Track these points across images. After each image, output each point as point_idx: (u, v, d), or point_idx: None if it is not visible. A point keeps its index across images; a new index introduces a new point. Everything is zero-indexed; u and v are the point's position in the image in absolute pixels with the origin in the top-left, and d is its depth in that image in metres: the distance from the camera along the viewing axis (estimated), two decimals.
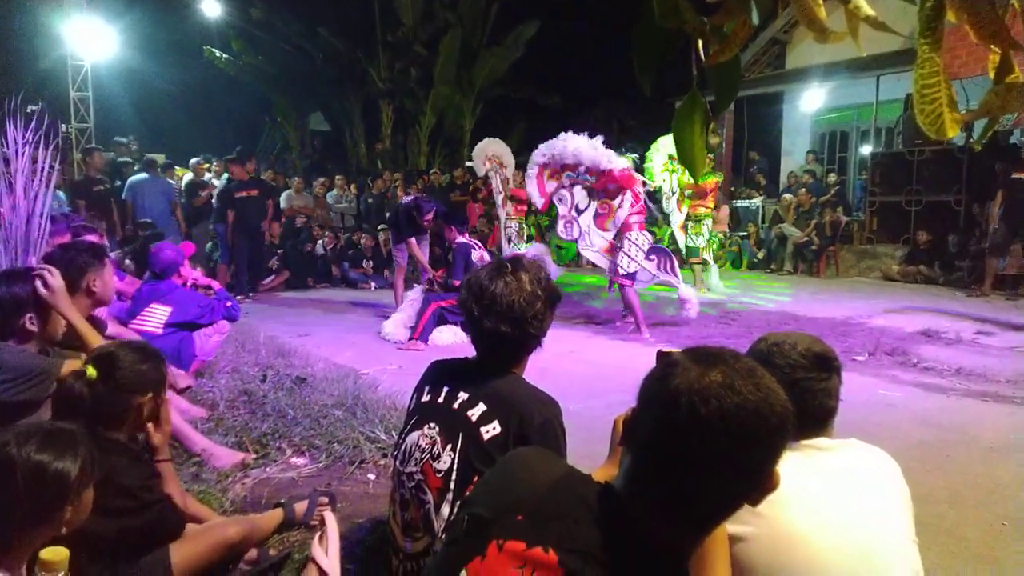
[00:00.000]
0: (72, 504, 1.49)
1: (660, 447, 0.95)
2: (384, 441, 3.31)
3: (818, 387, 1.44)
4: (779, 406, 0.93)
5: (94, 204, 8.65)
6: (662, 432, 0.94)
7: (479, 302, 1.77)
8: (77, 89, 12.25)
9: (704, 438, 0.90)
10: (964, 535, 2.62)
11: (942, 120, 0.90)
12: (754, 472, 0.94)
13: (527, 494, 1.03)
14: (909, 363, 5.29)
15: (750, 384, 0.93)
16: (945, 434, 3.75)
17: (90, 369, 1.90)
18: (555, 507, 1.00)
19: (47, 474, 1.44)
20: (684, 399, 0.91)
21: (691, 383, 0.92)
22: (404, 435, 1.88)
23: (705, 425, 0.90)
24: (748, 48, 14.52)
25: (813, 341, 1.51)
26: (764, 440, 0.92)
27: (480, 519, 1.04)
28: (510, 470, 1.12)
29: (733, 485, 0.94)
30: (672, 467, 0.94)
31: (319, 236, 10.81)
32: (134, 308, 4.26)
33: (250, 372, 4.59)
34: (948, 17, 0.88)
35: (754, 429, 0.90)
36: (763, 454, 0.93)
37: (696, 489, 0.93)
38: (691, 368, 0.95)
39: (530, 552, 0.96)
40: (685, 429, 0.91)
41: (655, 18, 0.93)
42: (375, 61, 16.27)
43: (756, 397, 0.92)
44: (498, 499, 1.06)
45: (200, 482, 2.87)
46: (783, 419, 0.93)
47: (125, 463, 1.88)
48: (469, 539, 1.03)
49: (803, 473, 1.38)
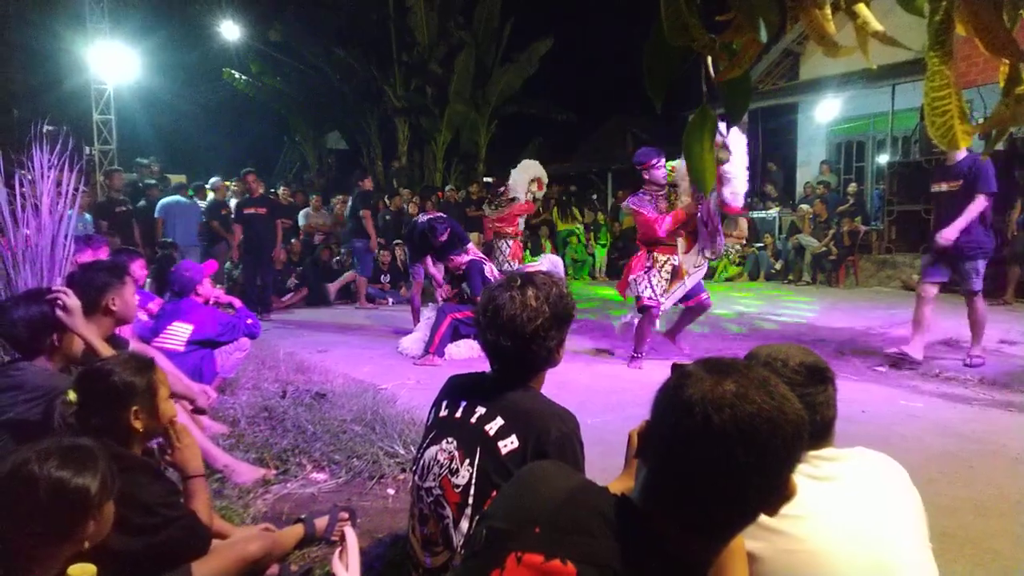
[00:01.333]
0: (94, 518, 1.52)
1: (675, 457, 0.95)
2: (403, 456, 3.33)
3: (817, 400, 1.44)
4: (793, 414, 0.94)
5: (116, 224, 8.81)
6: (677, 442, 0.94)
7: (485, 314, 1.78)
8: (100, 112, 12.51)
9: (719, 447, 0.90)
10: (991, 546, 2.58)
11: (953, 132, 0.90)
12: (770, 480, 0.94)
13: (544, 507, 1.04)
14: (931, 373, 5.23)
15: (763, 393, 0.93)
16: (969, 444, 3.69)
17: (70, 394, 1.93)
18: (573, 520, 1.01)
19: (68, 490, 1.47)
20: (698, 409, 0.92)
21: (705, 393, 0.93)
22: (422, 450, 1.89)
23: (720, 434, 0.90)
24: (761, 60, 14.52)
25: (804, 353, 1.50)
26: (779, 448, 0.92)
27: (498, 532, 1.05)
28: (527, 483, 1.13)
29: (749, 494, 0.94)
30: (688, 477, 0.94)
31: (337, 253, 10.91)
32: (156, 326, 4.32)
33: (270, 388, 4.63)
34: (957, 30, 0.89)
35: (769, 437, 0.91)
36: (779, 462, 0.93)
37: (712, 499, 0.93)
38: (705, 378, 0.95)
39: (548, 564, 0.97)
40: (700, 438, 0.91)
41: (664, 36, 0.95)
42: (391, 80, 16.47)
43: (770, 405, 0.92)
44: (516, 512, 1.07)
45: (222, 498, 2.89)
46: (798, 427, 0.93)
47: (143, 480, 1.90)
48: (488, 552, 1.04)
49: (812, 484, 1.37)
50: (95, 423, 1.91)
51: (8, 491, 1.44)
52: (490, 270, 6.68)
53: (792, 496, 0.97)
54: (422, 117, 16.79)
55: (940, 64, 0.90)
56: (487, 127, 17.25)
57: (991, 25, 0.79)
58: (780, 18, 0.92)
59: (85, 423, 1.91)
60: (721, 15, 0.97)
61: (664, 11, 0.93)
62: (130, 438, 1.99)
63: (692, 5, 0.92)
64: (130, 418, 1.96)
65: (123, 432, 1.97)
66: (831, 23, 0.97)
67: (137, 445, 2.02)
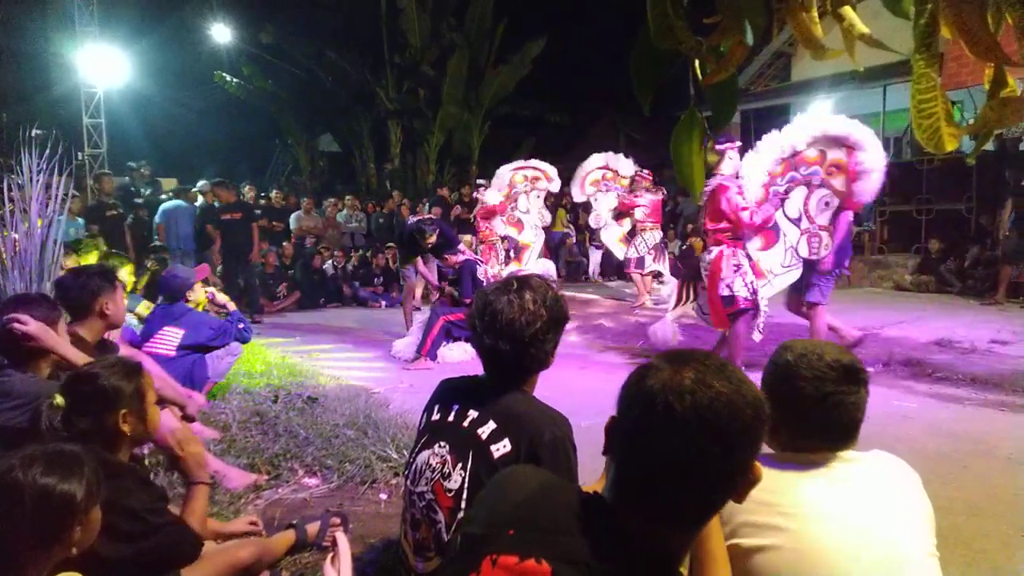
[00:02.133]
0: (80, 524, 1.51)
1: (640, 448, 0.97)
2: (395, 460, 3.32)
3: (849, 400, 1.42)
4: (751, 396, 0.95)
5: (107, 229, 8.78)
6: (641, 432, 0.96)
7: (481, 318, 1.78)
8: (90, 116, 12.45)
9: (682, 434, 0.92)
10: (982, 547, 2.59)
11: (940, 134, 0.90)
12: (734, 465, 0.95)
13: (516, 509, 1.05)
14: (924, 373, 5.24)
15: (722, 378, 0.95)
16: (962, 444, 3.71)
17: (57, 398, 1.93)
18: (545, 519, 1.02)
19: (53, 496, 1.47)
20: (660, 398, 0.93)
21: (665, 382, 0.95)
22: (415, 454, 1.88)
23: (682, 421, 0.92)
24: (752, 61, 14.57)
25: (839, 351, 1.48)
26: (740, 431, 0.93)
27: (473, 537, 1.06)
28: (499, 488, 1.14)
29: (714, 480, 0.95)
30: (653, 468, 0.95)
31: (329, 256, 10.88)
32: (147, 331, 4.30)
33: (262, 393, 4.62)
34: (943, 32, 0.89)
35: (728, 420, 0.92)
36: (741, 446, 0.94)
37: (678, 488, 0.94)
38: (664, 368, 0.97)
39: (523, 565, 0.97)
40: (663, 427, 0.93)
41: (651, 38, 0.94)
42: (383, 82, 16.44)
43: (729, 389, 0.94)
44: (490, 516, 1.08)
45: (213, 503, 2.87)
46: (757, 409, 0.95)
47: (131, 486, 1.89)
48: (464, 558, 1.04)
49: (828, 486, 1.38)
50: (82, 427, 1.90)
51: None
52: (483, 272, 6.67)
53: (757, 481, 0.99)
54: (415, 119, 16.76)
55: (926, 67, 0.90)
56: (480, 128, 17.23)
57: (975, 28, 0.79)
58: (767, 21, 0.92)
59: (72, 427, 1.90)
60: (708, 18, 0.97)
61: (651, 13, 0.93)
62: (118, 443, 1.98)
63: (679, 8, 0.91)
64: (118, 422, 1.96)
65: (110, 436, 1.96)
66: (818, 26, 0.96)
67: (125, 450, 2.01)
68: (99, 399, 1.94)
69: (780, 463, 1.43)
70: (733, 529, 1.38)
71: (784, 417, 1.46)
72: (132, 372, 2.05)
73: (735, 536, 1.37)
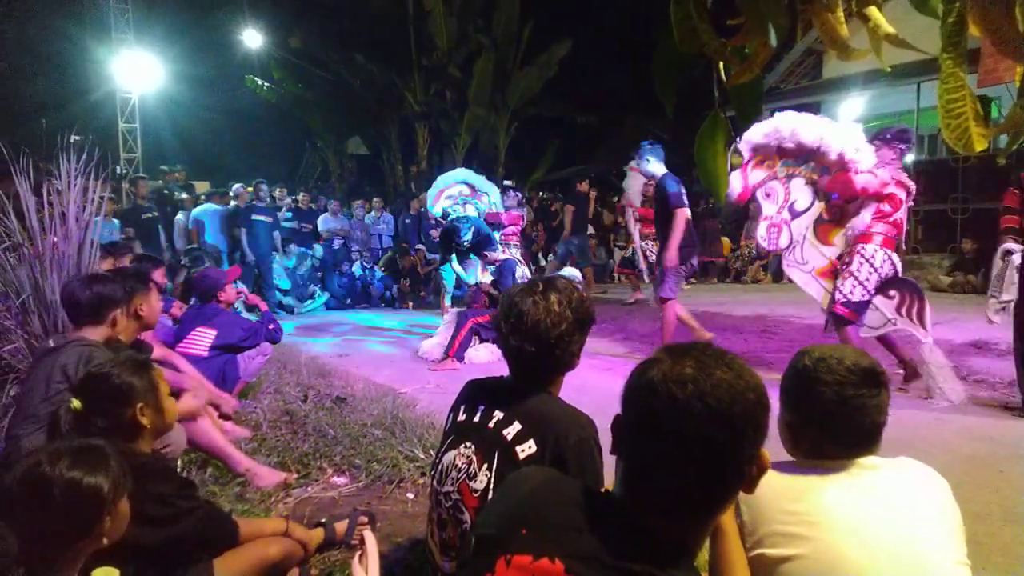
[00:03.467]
0: (110, 515, 1.55)
1: (645, 439, 0.98)
2: (422, 460, 3.34)
3: (870, 403, 1.41)
4: (753, 382, 0.97)
5: (142, 231, 8.98)
6: (645, 423, 0.97)
7: (507, 320, 1.78)
8: (125, 120, 12.72)
9: (686, 421, 0.93)
10: (1020, 554, 2.53)
11: (969, 134, 0.89)
12: (740, 451, 0.95)
13: (529, 509, 1.06)
14: (959, 375, 5.13)
15: (722, 365, 0.96)
16: (998, 448, 3.62)
17: (74, 401, 1.98)
18: (557, 517, 1.02)
19: (82, 489, 1.50)
20: (662, 388, 0.95)
21: (666, 372, 0.96)
22: (441, 455, 1.89)
23: (685, 408, 0.93)
24: (783, 59, 14.39)
25: (859, 355, 1.48)
26: (744, 415, 0.94)
27: (486, 538, 1.07)
28: (511, 489, 1.15)
29: (721, 467, 0.95)
30: (659, 457, 0.96)
31: (357, 258, 10.99)
32: (180, 331, 4.39)
33: (291, 393, 4.68)
34: (971, 31, 0.88)
35: (730, 404, 0.93)
36: (745, 431, 0.95)
37: (686, 476, 0.95)
38: (665, 360, 0.99)
39: (537, 564, 0.98)
40: (667, 415, 0.94)
41: (673, 40, 0.94)
42: (411, 85, 16.55)
43: (730, 376, 0.95)
44: (502, 517, 1.09)
45: (244, 502, 2.93)
46: (758, 393, 0.96)
47: (156, 473, 1.95)
48: (478, 559, 1.05)
49: (853, 493, 1.36)
50: (101, 425, 1.96)
51: (23, 494, 1.48)
52: (523, 272, 6.69)
53: (766, 469, 0.99)
54: (442, 121, 16.86)
55: (954, 66, 0.89)
56: (507, 130, 17.27)
57: (1002, 27, 0.78)
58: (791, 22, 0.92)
59: (90, 427, 1.96)
60: (731, 19, 0.97)
61: (674, 16, 0.93)
62: (139, 436, 2.04)
63: (702, 10, 0.91)
64: (136, 415, 2.01)
65: (131, 430, 2.02)
66: (844, 26, 0.96)
67: (147, 442, 2.07)
68: (115, 396, 2.00)
69: (803, 470, 1.42)
70: (759, 539, 1.37)
71: (806, 422, 1.47)
72: (142, 367, 2.11)
73: (761, 546, 1.36)
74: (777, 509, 1.37)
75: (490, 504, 1.21)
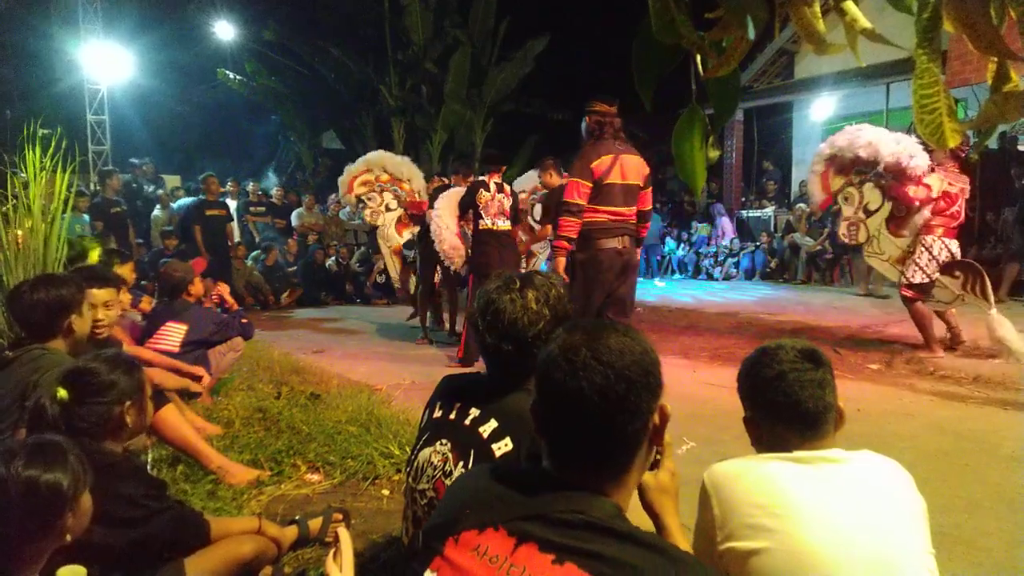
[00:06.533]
0: (71, 510, 1.52)
1: (553, 404, 1.08)
2: (398, 456, 3.32)
3: (806, 378, 1.46)
4: (640, 338, 1.09)
5: (112, 226, 8.81)
6: (551, 394, 1.07)
7: (484, 317, 1.77)
8: (94, 112, 12.47)
9: (584, 382, 1.03)
10: (984, 545, 2.58)
11: (942, 130, 0.90)
12: (639, 402, 1.05)
13: (472, 493, 1.15)
14: (926, 371, 5.23)
15: (611, 331, 1.09)
16: (964, 443, 3.70)
17: (61, 390, 1.93)
18: (497, 491, 1.11)
19: (40, 486, 1.47)
20: (560, 359, 1.06)
21: (562, 343, 1.08)
22: (416, 452, 1.87)
23: (581, 370, 1.03)
24: (756, 59, 14.54)
25: (802, 343, 1.56)
26: (636, 367, 1.05)
27: (435, 527, 1.15)
28: (459, 484, 1.26)
29: (623, 416, 1.04)
30: (567, 420, 1.06)
31: (332, 253, 10.90)
32: (150, 327, 4.31)
33: (265, 389, 4.62)
34: (946, 27, 0.88)
35: (621, 357, 1.04)
36: (639, 382, 1.05)
37: (592, 432, 1.04)
38: (560, 335, 1.11)
39: (482, 535, 1.06)
40: (567, 380, 1.04)
41: (652, 33, 0.94)
42: (386, 79, 16.43)
43: (617, 338, 1.07)
44: (449, 507, 1.17)
45: (215, 499, 2.88)
46: (646, 348, 1.08)
47: (125, 474, 1.92)
48: (428, 547, 1.13)
49: (818, 486, 1.38)
50: (83, 418, 1.92)
51: None
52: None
53: (666, 420, 1.10)
54: (417, 116, 16.76)
55: (928, 62, 0.89)
56: (483, 126, 17.22)
57: (978, 23, 0.78)
58: (769, 15, 0.92)
59: (71, 420, 1.91)
60: (710, 12, 0.96)
61: (652, 8, 0.93)
62: (119, 434, 2.00)
63: (680, 2, 0.91)
64: (123, 414, 1.98)
65: (113, 428, 1.98)
66: (820, 21, 0.96)
67: (122, 441, 2.04)
68: (106, 392, 1.96)
69: (769, 463, 1.44)
70: (729, 532, 1.39)
71: (757, 409, 1.54)
72: (133, 366, 2.08)
73: (731, 539, 1.38)
74: (745, 502, 1.39)
75: (441, 502, 1.27)
